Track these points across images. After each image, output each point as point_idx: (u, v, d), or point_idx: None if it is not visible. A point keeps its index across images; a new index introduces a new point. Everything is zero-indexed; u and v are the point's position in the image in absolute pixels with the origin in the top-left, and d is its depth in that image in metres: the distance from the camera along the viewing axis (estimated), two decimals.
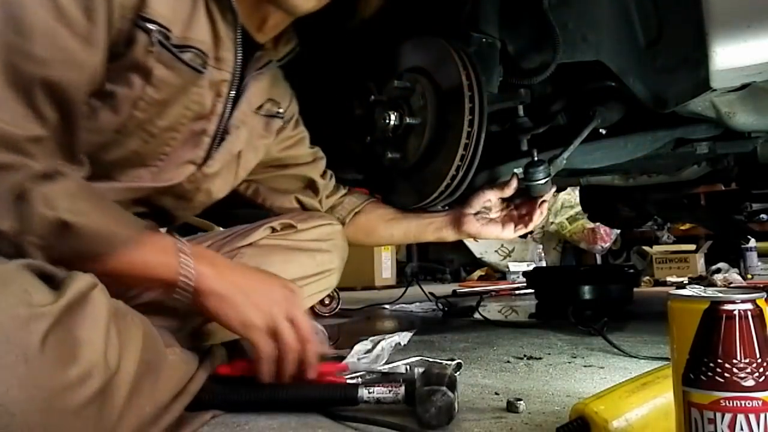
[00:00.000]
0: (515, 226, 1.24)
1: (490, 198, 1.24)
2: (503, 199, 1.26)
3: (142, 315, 0.74)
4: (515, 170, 1.29)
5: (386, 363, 1.07)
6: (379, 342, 1.13)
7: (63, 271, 0.64)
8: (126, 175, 0.88)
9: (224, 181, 1.03)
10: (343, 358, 1.09)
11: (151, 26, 0.78)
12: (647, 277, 3.37)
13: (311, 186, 1.23)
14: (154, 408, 0.69)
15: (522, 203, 1.25)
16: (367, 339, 1.15)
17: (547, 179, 1.18)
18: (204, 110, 0.90)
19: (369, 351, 1.10)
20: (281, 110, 1.09)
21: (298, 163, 1.21)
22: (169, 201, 0.96)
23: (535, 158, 1.19)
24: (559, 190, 3.34)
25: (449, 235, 1.27)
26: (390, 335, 1.17)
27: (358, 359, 1.06)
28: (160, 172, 0.90)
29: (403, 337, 1.21)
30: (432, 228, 1.27)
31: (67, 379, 0.55)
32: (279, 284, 0.88)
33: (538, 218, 1.22)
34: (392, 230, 1.28)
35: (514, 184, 1.23)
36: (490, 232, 1.24)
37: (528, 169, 1.18)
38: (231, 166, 1.03)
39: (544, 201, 1.22)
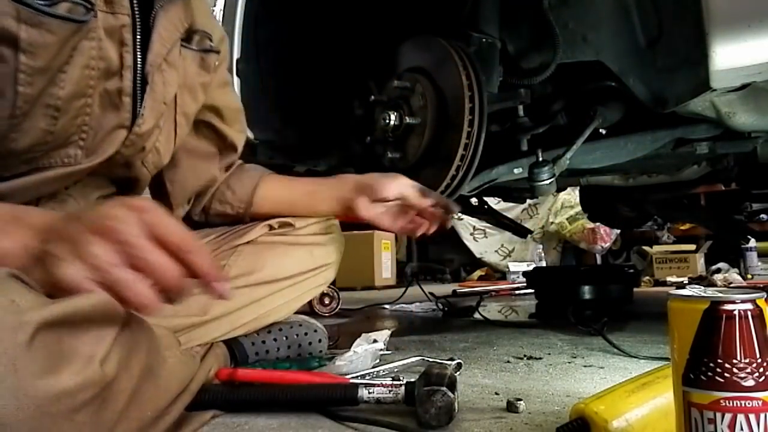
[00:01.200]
0: (412, 229, 1.13)
1: (409, 195, 1.10)
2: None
3: (145, 319, 0.73)
4: (515, 170, 1.29)
5: (383, 364, 1.07)
6: (360, 345, 1.09)
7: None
8: (53, 158, 0.79)
9: (167, 134, 0.92)
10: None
11: None
12: (647, 277, 3.37)
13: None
14: (155, 412, 0.68)
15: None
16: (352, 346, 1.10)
17: (551, 179, 1.19)
18: (111, 65, 0.79)
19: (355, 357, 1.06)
20: (213, 44, 0.98)
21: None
22: (122, 170, 0.89)
23: (540, 159, 1.19)
24: (559, 190, 3.35)
25: (337, 212, 1.14)
26: (370, 343, 1.10)
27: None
28: (90, 147, 0.81)
29: (383, 336, 1.16)
30: (318, 199, 1.14)
31: (60, 386, 0.53)
32: (84, 216, 0.60)
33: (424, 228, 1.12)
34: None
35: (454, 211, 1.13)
36: (381, 221, 1.12)
37: (533, 169, 1.19)
38: (168, 116, 0.91)
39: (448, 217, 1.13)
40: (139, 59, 0.82)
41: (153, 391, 0.67)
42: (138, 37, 0.81)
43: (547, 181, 1.18)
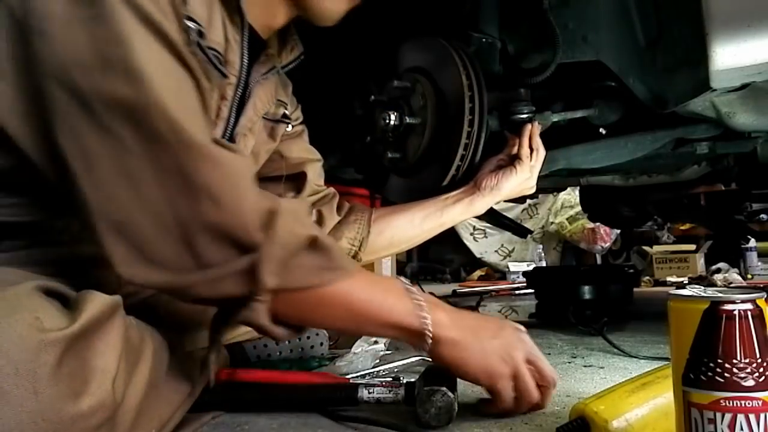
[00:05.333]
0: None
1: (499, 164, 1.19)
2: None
3: (152, 327, 0.73)
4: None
5: (383, 364, 1.07)
6: (361, 346, 1.09)
7: (75, 292, 0.62)
8: None
9: None
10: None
11: (189, 24, 0.72)
12: (647, 277, 3.37)
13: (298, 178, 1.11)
14: (160, 425, 0.68)
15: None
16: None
17: (529, 115, 1.19)
18: (209, 112, 0.84)
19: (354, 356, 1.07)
20: (287, 111, 1.04)
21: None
22: None
23: (521, 93, 1.19)
24: (559, 190, 3.35)
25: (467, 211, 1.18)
26: (370, 344, 1.12)
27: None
28: None
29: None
30: (450, 202, 1.16)
31: (78, 411, 0.54)
32: (510, 327, 0.81)
33: (530, 154, 1.18)
34: (414, 229, 1.15)
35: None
36: (505, 190, 1.18)
37: (513, 102, 1.19)
38: None
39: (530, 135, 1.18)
40: (232, 118, 0.88)
41: (157, 405, 0.67)
42: (238, 95, 0.87)
43: (525, 115, 1.19)
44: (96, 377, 0.56)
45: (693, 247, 3.91)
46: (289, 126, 1.06)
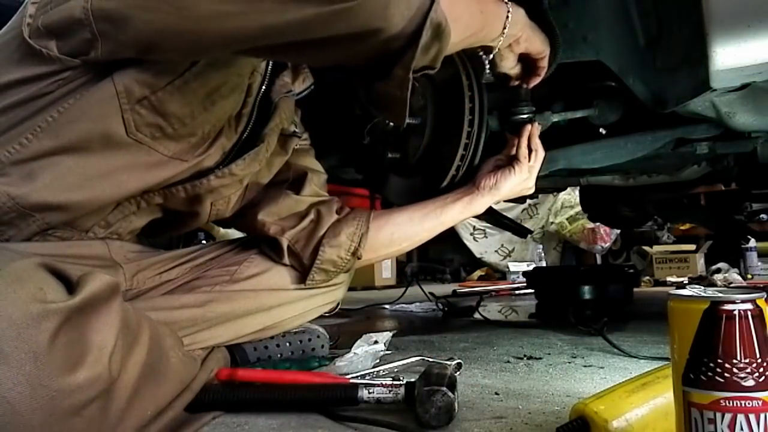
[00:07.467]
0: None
1: (498, 163, 1.19)
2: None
3: (150, 318, 0.74)
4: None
5: (383, 364, 1.07)
6: (361, 346, 1.09)
7: (76, 273, 0.64)
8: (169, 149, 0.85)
9: (241, 194, 1.02)
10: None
11: None
12: (647, 277, 3.37)
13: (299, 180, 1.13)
14: (156, 410, 0.69)
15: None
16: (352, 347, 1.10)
17: (529, 116, 1.19)
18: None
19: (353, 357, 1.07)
20: (297, 130, 1.09)
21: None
22: (182, 204, 0.94)
23: (522, 94, 1.19)
24: (559, 190, 3.35)
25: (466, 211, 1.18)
26: (371, 344, 1.11)
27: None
28: (195, 148, 0.88)
29: (384, 338, 1.16)
30: (449, 201, 1.16)
31: (74, 382, 0.55)
32: None
33: (529, 155, 1.17)
34: (413, 227, 1.15)
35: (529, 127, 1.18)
36: (504, 190, 1.18)
37: (512, 102, 1.19)
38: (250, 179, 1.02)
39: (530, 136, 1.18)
40: (254, 114, 0.95)
41: (154, 389, 0.68)
42: (263, 88, 0.95)
43: (525, 115, 1.19)
44: (92, 351, 0.58)
45: (693, 247, 3.91)
46: (298, 142, 1.11)
